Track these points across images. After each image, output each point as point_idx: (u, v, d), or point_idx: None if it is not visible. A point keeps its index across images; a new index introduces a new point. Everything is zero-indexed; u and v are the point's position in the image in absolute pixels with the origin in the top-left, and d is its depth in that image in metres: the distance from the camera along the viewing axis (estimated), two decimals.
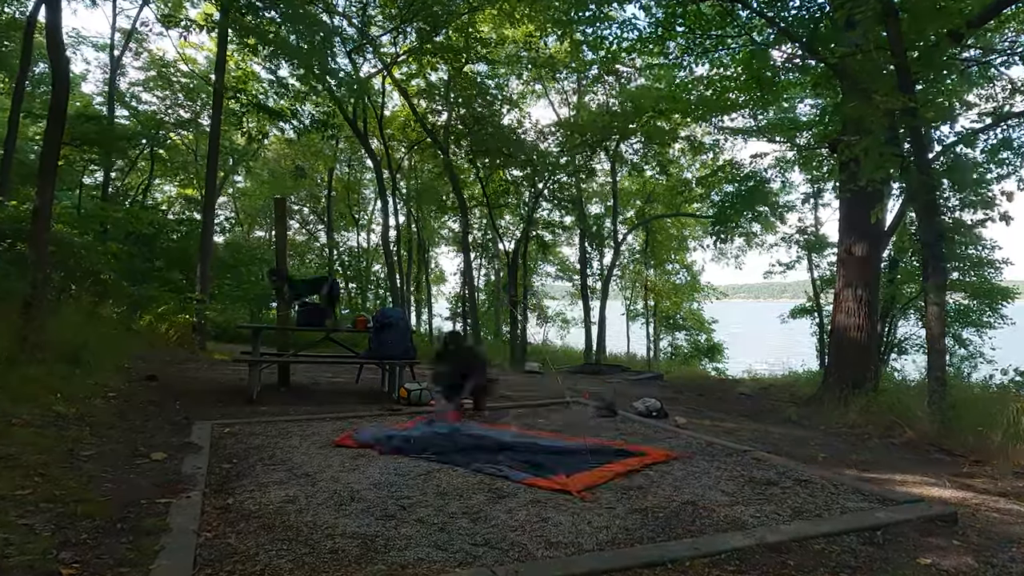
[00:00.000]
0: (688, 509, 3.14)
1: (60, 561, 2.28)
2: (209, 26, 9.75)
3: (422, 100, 13.81)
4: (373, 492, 3.24)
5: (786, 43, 7.84)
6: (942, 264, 6.06)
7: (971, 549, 2.80)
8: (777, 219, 13.75)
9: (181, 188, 18.28)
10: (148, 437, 4.24)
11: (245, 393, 5.90)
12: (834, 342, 7.62)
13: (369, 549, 2.52)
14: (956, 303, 11.95)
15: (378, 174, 14.37)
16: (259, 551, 2.46)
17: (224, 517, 2.82)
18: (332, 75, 10.23)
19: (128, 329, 8.65)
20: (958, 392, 6.37)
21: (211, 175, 10.77)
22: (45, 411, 4.22)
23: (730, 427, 5.65)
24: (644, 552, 2.58)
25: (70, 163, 11.57)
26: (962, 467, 4.52)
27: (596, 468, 3.70)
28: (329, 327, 6.83)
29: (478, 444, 4.15)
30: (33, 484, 3.01)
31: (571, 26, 10.03)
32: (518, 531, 2.76)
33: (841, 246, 7.66)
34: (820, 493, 3.48)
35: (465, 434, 4.39)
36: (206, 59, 15.67)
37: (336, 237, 21.01)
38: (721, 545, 2.66)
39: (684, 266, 20.88)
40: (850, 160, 6.29)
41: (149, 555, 2.37)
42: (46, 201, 5.78)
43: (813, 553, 2.65)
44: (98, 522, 2.66)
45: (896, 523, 3.01)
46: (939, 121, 6.72)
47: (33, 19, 7.63)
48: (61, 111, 6.09)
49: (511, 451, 4.00)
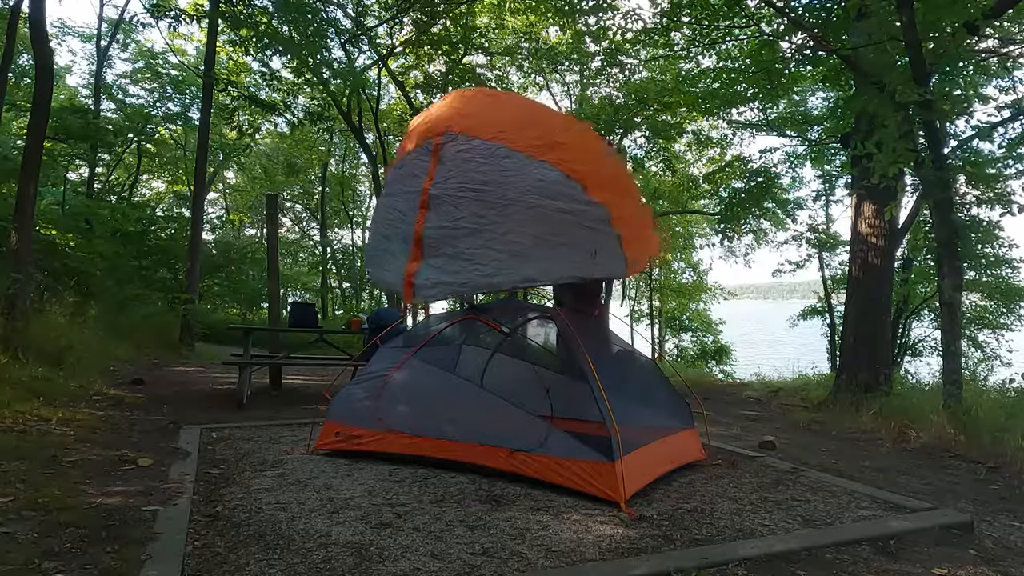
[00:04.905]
0: (695, 517, 3.06)
1: (43, 571, 2.23)
2: (199, 16, 9.65)
3: (419, 93, 13.69)
4: (367, 499, 3.17)
5: (796, 34, 7.67)
6: (958, 263, 5.90)
7: (987, 559, 2.72)
8: (787, 216, 13.58)
9: (169, 184, 18.28)
10: (134, 442, 4.19)
11: (235, 396, 5.84)
12: (846, 344, 7.46)
13: (363, 559, 2.45)
14: (972, 304, 11.73)
15: (373, 169, 14.26)
16: (249, 560, 2.40)
17: (213, 525, 2.76)
18: (327, 67, 10.11)
19: (114, 330, 8.59)
20: (974, 396, 6.21)
21: (200, 170, 10.69)
22: (27, 415, 4.18)
23: (737, 432, 5.54)
24: (649, 561, 2.50)
25: (54, 158, 11.49)
26: (978, 473, 4.39)
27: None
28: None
29: None
30: (15, 491, 2.96)
31: (573, 16, 9.90)
32: (518, 540, 2.69)
33: (853, 244, 7.50)
34: (831, 500, 3.40)
35: None
36: (196, 50, 15.63)
37: (330, 235, 20.97)
38: (729, 554, 2.59)
39: (690, 265, 20.66)
40: (863, 155, 6.13)
41: (135, 564, 2.31)
42: (29, 196, 5.75)
43: (824, 563, 2.58)
44: (83, 530, 2.60)
45: (910, 532, 2.93)
46: (955, 115, 6.55)
47: (17, 8, 7.48)
48: (45, 104, 6.06)
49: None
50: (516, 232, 3.56)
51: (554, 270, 3.65)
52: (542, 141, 3.73)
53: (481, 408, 3.63)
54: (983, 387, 7.94)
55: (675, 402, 4.18)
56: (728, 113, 11.36)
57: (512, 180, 3.63)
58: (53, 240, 8.52)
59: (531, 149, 3.68)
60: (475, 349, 4.30)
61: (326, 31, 10.34)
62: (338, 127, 15.82)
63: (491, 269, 3.57)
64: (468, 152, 3.76)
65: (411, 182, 3.96)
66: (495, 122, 3.88)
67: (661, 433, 3.81)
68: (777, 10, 7.56)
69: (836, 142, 9.82)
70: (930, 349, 12.41)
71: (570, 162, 3.67)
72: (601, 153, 3.96)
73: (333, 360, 6.83)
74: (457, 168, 3.77)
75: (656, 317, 19.95)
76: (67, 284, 8.03)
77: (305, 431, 4.37)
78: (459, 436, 3.59)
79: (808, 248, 13.92)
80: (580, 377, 3.51)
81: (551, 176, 3.60)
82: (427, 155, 3.92)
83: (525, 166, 3.63)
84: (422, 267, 3.77)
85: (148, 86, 15.18)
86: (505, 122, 3.88)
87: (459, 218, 3.68)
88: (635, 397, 3.92)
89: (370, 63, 13.17)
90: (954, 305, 5.76)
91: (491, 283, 3.60)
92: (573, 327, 3.66)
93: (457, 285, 3.67)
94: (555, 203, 3.56)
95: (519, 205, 3.58)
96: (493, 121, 3.89)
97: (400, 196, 4.06)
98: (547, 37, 13.97)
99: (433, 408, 3.76)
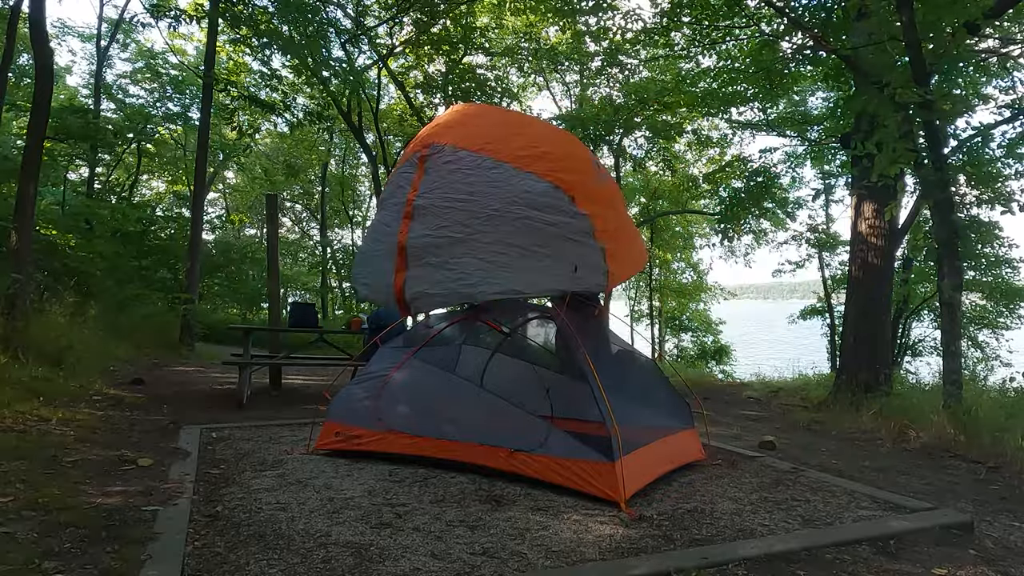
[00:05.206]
0: (695, 517, 3.06)
1: (43, 571, 2.22)
2: (199, 16, 9.64)
3: (419, 93, 13.68)
4: (367, 499, 3.16)
5: (796, 34, 7.67)
6: (958, 263, 5.90)
7: (987, 559, 2.72)
8: (787, 216, 13.57)
9: (170, 184, 18.27)
10: (134, 442, 4.18)
11: (235, 396, 5.83)
12: (846, 344, 7.46)
13: (363, 559, 2.45)
14: (972, 304, 11.72)
15: (373, 169, 14.24)
16: (249, 560, 2.40)
17: (213, 525, 2.75)
18: (327, 67, 10.11)
19: (114, 330, 8.59)
20: (974, 396, 6.21)
21: (200, 170, 10.70)
22: (27, 415, 4.18)
23: (737, 432, 5.54)
24: (649, 561, 2.50)
25: (54, 158, 11.50)
26: (978, 473, 4.39)
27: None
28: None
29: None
30: (15, 491, 2.96)
31: (573, 16, 9.89)
32: (518, 540, 2.69)
33: (853, 244, 7.49)
34: (831, 500, 3.40)
35: None
36: (196, 50, 15.61)
37: (330, 235, 20.95)
38: (729, 554, 2.59)
39: (690, 265, 20.64)
40: (863, 155, 6.13)
41: (135, 564, 2.31)
42: (29, 196, 5.75)
43: (824, 563, 2.58)
44: (83, 530, 2.60)
45: (910, 532, 2.93)
46: (955, 115, 6.55)
47: (17, 8, 7.50)
48: (45, 104, 6.06)
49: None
50: (501, 243, 3.55)
51: (538, 282, 3.63)
52: (528, 152, 3.72)
53: (481, 408, 3.63)
54: (983, 387, 7.94)
55: (675, 402, 4.18)
56: (728, 113, 11.36)
57: (498, 191, 3.62)
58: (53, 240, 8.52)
59: (518, 160, 3.67)
60: (475, 349, 4.30)
61: (326, 31, 10.33)
62: (338, 127, 15.79)
63: (475, 279, 3.55)
64: (454, 163, 3.76)
65: (397, 194, 3.97)
66: (482, 134, 3.87)
67: (661, 433, 3.81)
68: (777, 10, 7.56)
69: (836, 142, 9.81)
70: (930, 349, 12.40)
71: (558, 172, 3.66)
72: (588, 163, 3.95)
73: (333, 360, 6.83)
74: (443, 179, 3.76)
75: (656, 317, 19.91)
76: (67, 284, 8.03)
77: (305, 431, 4.36)
78: (459, 436, 3.59)
79: (808, 248, 13.93)
80: (580, 377, 3.51)
81: (538, 187, 3.59)
82: (413, 167, 3.92)
83: (512, 177, 3.62)
84: (406, 277, 3.75)
85: (148, 86, 15.16)
86: (492, 134, 3.87)
87: (443, 227, 3.67)
88: (635, 397, 3.91)
89: (370, 63, 13.15)
90: (954, 305, 5.76)
91: (474, 293, 3.58)
92: (573, 327, 3.66)
93: (440, 296, 3.66)
94: (541, 214, 3.55)
95: (505, 216, 3.57)
96: (480, 133, 3.89)
97: (388, 209, 4.05)
98: (547, 37, 13.96)
99: (433, 408, 3.75)
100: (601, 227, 3.60)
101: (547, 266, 3.55)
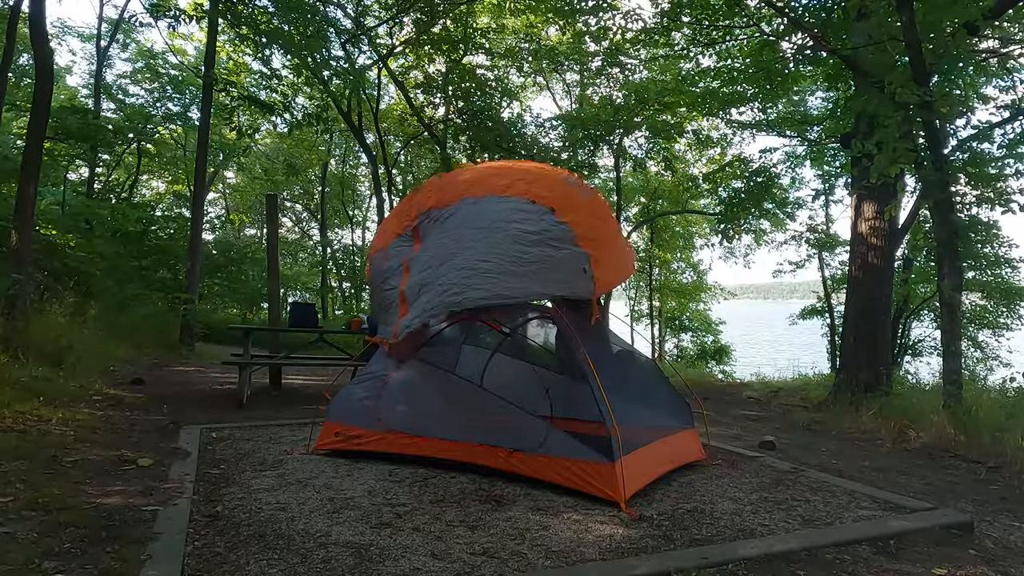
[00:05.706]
0: (695, 517, 3.06)
1: (43, 571, 2.22)
2: (199, 16, 9.64)
3: (419, 93, 13.69)
4: (367, 499, 3.17)
5: (796, 34, 7.68)
6: (958, 263, 5.90)
7: (987, 559, 2.72)
8: (787, 216, 13.56)
9: (170, 184, 18.26)
10: (134, 442, 4.18)
11: (235, 396, 5.84)
12: (846, 344, 7.46)
13: (363, 559, 2.45)
14: (972, 304, 11.71)
15: (373, 169, 14.25)
16: (249, 560, 2.40)
17: (213, 525, 2.76)
18: (327, 66, 10.11)
19: (114, 330, 8.59)
20: (974, 396, 6.21)
21: (200, 170, 10.70)
22: (27, 415, 4.18)
23: (737, 432, 5.54)
24: (649, 561, 2.50)
25: (54, 158, 11.50)
26: (978, 473, 4.39)
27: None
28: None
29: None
30: (15, 491, 2.96)
31: (573, 16, 9.88)
32: (518, 540, 2.69)
33: (853, 244, 7.49)
34: (831, 500, 3.40)
35: None
36: (196, 50, 15.60)
37: (330, 235, 20.94)
38: (729, 554, 2.60)
39: (690, 265, 20.63)
40: (863, 155, 6.13)
41: (135, 564, 2.31)
42: (29, 196, 5.75)
43: (823, 563, 2.58)
44: (83, 530, 2.60)
45: (910, 532, 2.93)
46: (955, 115, 6.55)
47: (17, 8, 7.51)
48: (45, 104, 6.06)
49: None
50: (486, 252, 3.62)
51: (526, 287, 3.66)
52: (508, 182, 3.89)
53: (481, 408, 3.64)
54: (983, 387, 7.94)
55: (675, 402, 4.18)
56: (728, 113, 11.36)
57: (482, 211, 3.77)
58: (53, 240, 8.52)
59: (500, 190, 3.85)
60: (475, 349, 4.31)
61: (326, 31, 10.33)
62: (338, 127, 15.79)
63: (458, 287, 3.60)
64: (442, 216, 3.94)
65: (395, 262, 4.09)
66: (461, 183, 4.07)
67: (661, 433, 3.81)
68: (777, 10, 7.56)
69: (836, 142, 9.81)
70: (930, 349, 12.39)
71: (535, 190, 3.80)
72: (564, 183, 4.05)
73: (333, 360, 6.83)
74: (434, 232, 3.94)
75: (656, 317, 19.90)
76: (67, 284, 8.03)
77: (305, 431, 4.37)
78: (459, 436, 3.59)
79: (808, 248, 13.90)
80: (580, 377, 3.51)
81: (522, 205, 3.72)
82: (408, 240, 4.10)
83: (495, 202, 3.79)
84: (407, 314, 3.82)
85: (148, 86, 15.15)
86: (471, 180, 4.07)
87: (431, 256, 3.81)
88: (635, 397, 3.92)
89: (370, 63, 13.15)
90: (954, 305, 5.76)
91: (461, 300, 3.61)
92: (573, 327, 3.66)
93: (429, 310, 3.70)
94: (523, 226, 3.64)
95: (488, 230, 3.68)
96: (459, 183, 4.09)
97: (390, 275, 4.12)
98: (547, 37, 13.95)
99: (433, 408, 3.76)
100: (583, 234, 3.68)
101: (532, 271, 3.61)
